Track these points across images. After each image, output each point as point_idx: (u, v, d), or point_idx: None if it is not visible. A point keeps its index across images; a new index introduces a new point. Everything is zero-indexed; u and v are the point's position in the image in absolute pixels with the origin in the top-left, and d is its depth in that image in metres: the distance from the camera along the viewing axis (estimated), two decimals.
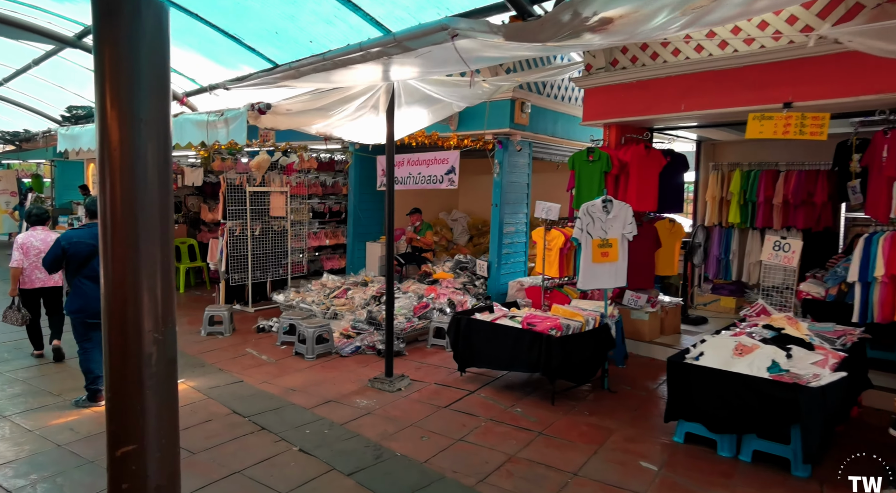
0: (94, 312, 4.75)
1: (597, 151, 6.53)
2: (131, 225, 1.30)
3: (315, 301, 7.54)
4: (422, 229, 9.62)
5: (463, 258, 9.03)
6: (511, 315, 5.49)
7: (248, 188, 8.46)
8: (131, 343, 1.88)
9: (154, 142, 1.24)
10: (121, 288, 1.61)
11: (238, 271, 8.45)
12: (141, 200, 1.28)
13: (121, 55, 1.32)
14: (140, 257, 1.42)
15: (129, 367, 1.96)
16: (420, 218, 9.64)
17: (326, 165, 9.97)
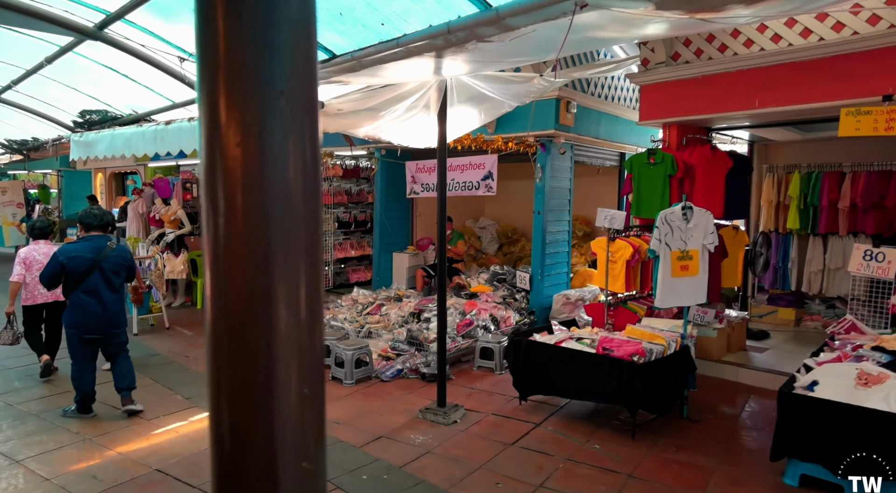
0: (91, 328, 4.73)
1: (659, 152, 5.99)
2: (259, 249, 0.75)
3: (347, 319, 7.00)
4: (452, 239, 9.08)
5: (500, 269, 8.48)
6: (577, 337, 4.94)
7: None
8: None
9: (299, 123, 0.72)
10: (243, 355, 0.93)
11: None
12: (278, 210, 0.73)
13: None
14: (273, 303, 0.80)
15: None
16: (451, 227, 9.10)
17: (351, 172, 9.46)
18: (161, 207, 9.72)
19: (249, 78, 0.77)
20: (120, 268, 4.88)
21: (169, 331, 7.95)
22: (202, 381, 5.78)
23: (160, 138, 5.04)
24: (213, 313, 0.84)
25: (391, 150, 9.17)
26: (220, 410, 0.87)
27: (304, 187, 0.81)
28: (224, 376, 0.85)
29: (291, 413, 0.87)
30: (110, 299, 4.82)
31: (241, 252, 0.78)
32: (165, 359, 6.61)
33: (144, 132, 5.26)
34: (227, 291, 0.81)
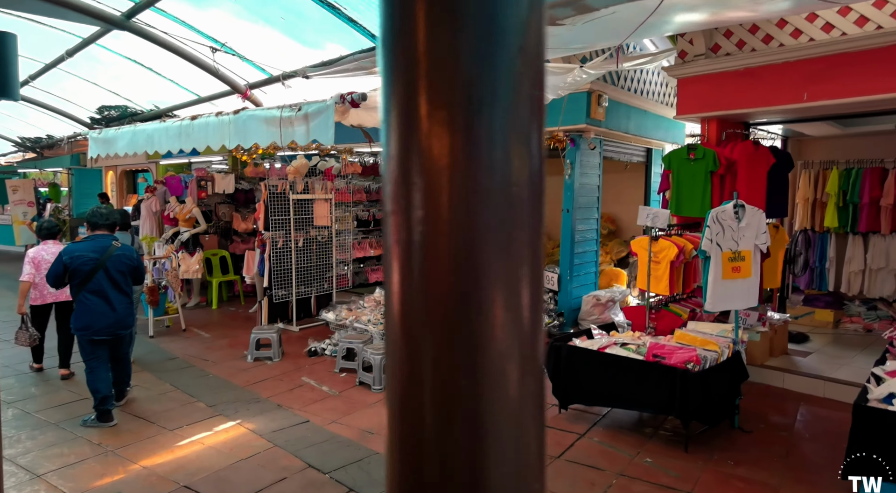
0: (100, 328, 4.67)
1: (700, 147, 5.73)
2: (470, 250, 0.55)
3: (371, 321, 6.77)
4: None
5: None
6: (621, 342, 4.70)
7: (292, 196, 7.71)
8: None
9: (526, 90, 0.52)
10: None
11: (281, 287, 7.70)
12: (495, 206, 0.53)
13: None
14: (490, 309, 0.58)
15: None
16: None
17: (370, 169, 9.22)
18: (175, 205, 9.51)
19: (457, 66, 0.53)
20: (125, 267, 4.80)
21: (185, 333, 7.74)
22: (224, 387, 5.57)
23: (185, 134, 4.81)
24: (404, 326, 0.60)
25: None
26: (414, 440, 0.62)
27: (529, 160, 0.56)
28: (421, 402, 0.59)
29: (513, 435, 0.61)
30: (118, 299, 4.75)
31: (447, 255, 0.55)
32: (184, 363, 6.40)
33: (168, 128, 5.03)
34: (428, 297, 0.57)
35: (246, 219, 10.20)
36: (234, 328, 8.02)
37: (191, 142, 4.82)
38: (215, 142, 4.56)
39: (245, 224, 10.10)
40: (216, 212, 10.27)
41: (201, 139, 4.68)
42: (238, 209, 10.39)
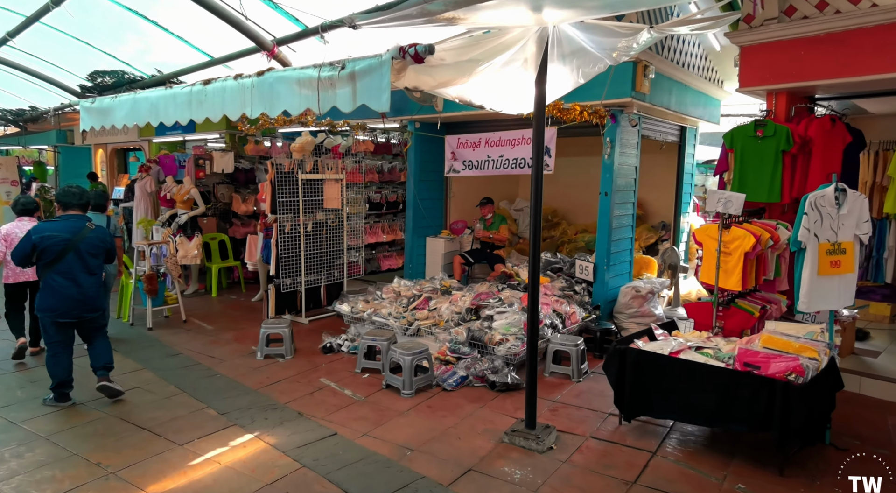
0: (65, 311, 4.53)
1: (770, 124, 5.11)
2: None
3: (392, 314, 6.15)
4: (494, 223, 8.21)
5: (552, 257, 7.63)
6: (695, 346, 4.11)
7: (301, 176, 7.03)
8: None
9: None
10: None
11: (289, 276, 7.05)
12: None
13: None
14: None
15: None
16: (492, 209, 8.23)
17: (383, 147, 8.52)
18: (172, 185, 8.79)
19: None
20: (98, 250, 4.67)
21: (186, 325, 7.10)
22: (235, 390, 4.95)
23: (197, 102, 4.09)
24: None
25: (427, 122, 8.24)
26: None
27: None
28: None
29: None
30: (87, 281, 4.60)
31: None
32: (188, 360, 5.77)
33: (176, 95, 4.31)
34: None
35: (246, 200, 9.50)
36: (237, 319, 7.38)
37: (203, 111, 4.11)
38: (234, 109, 3.85)
39: (245, 206, 9.40)
40: (215, 193, 9.55)
41: (216, 107, 3.97)
42: (238, 190, 9.68)
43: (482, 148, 7.50)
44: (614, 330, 6.10)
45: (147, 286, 6.70)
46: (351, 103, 3.15)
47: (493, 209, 8.23)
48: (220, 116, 4.09)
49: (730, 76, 8.52)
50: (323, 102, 3.16)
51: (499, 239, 8.15)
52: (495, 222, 8.20)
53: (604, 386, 5.06)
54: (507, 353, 5.21)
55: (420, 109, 7.82)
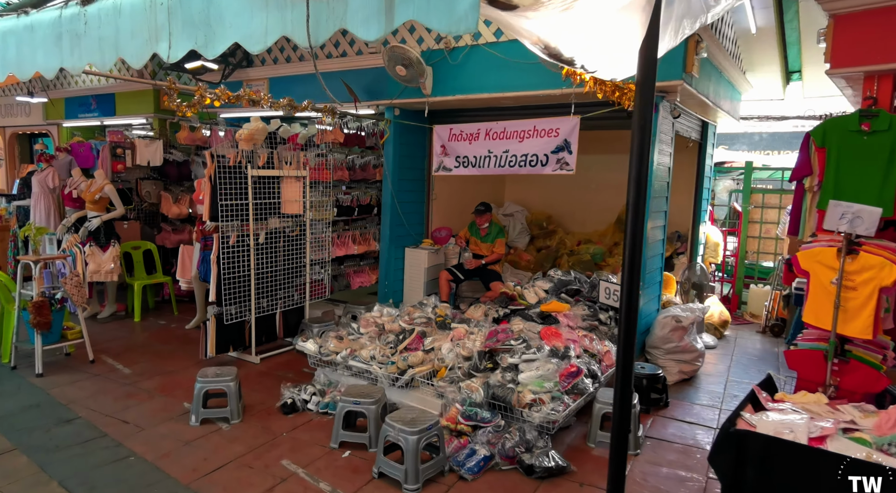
0: None
1: (884, 115, 3.90)
2: None
3: (376, 357, 4.63)
4: (490, 233, 6.81)
5: (564, 275, 6.29)
6: (842, 427, 2.83)
7: (251, 171, 5.39)
8: None
9: None
10: None
11: (235, 301, 5.41)
12: None
13: None
14: None
15: None
16: (488, 218, 6.82)
17: (354, 138, 6.95)
18: (80, 179, 6.92)
19: None
20: None
21: (95, 366, 5.34)
22: (157, 487, 3.33)
23: (72, 38, 2.43)
24: None
25: (409, 109, 6.75)
26: None
27: None
28: None
29: None
30: None
31: None
32: (89, 430, 4.07)
33: (34, 27, 2.60)
34: None
35: (179, 201, 7.72)
36: (166, 357, 5.67)
37: (82, 51, 2.46)
38: (137, 47, 2.24)
39: (178, 208, 7.62)
40: (138, 190, 7.72)
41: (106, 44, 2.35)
42: (168, 188, 7.88)
43: (481, 141, 6.07)
44: (662, 375, 4.80)
45: (34, 318, 4.92)
46: (384, 19, 1.60)
47: (490, 218, 6.82)
48: (113, 61, 2.43)
49: (753, 67, 7.45)
50: (321, 21, 1.63)
51: (497, 254, 6.75)
52: (491, 233, 6.79)
53: (673, 457, 3.75)
54: (545, 420, 3.80)
55: (402, 92, 6.32)
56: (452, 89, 6.06)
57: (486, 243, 6.81)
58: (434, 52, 6.13)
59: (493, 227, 6.80)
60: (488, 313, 5.88)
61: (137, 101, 8.96)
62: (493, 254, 6.71)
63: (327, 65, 6.98)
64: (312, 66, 7.08)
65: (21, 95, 9.70)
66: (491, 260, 6.75)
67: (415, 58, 5.76)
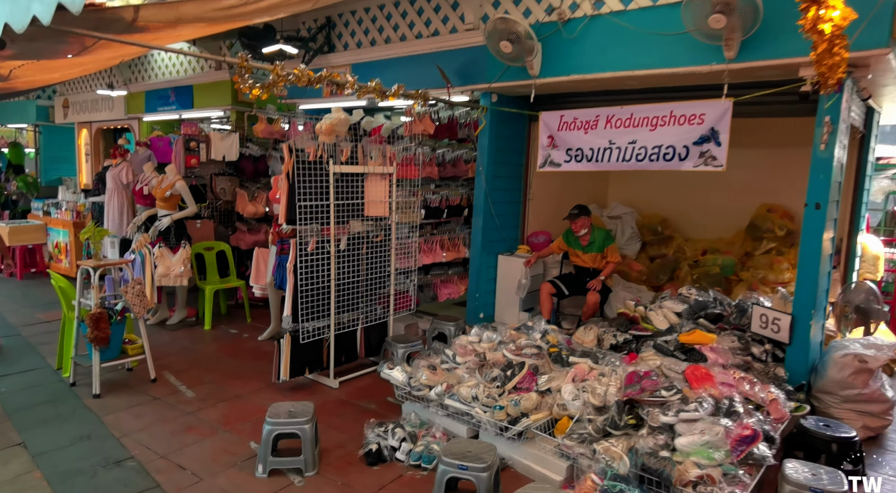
0: None
1: None
2: None
3: (478, 397, 3.73)
4: (594, 241, 5.73)
5: (700, 295, 5.14)
6: None
7: (333, 168, 4.62)
8: None
9: None
10: None
11: (313, 316, 4.66)
12: None
13: None
14: None
15: None
16: (588, 222, 5.75)
17: (445, 129, 6.07)
18: (151, 175, 6.43)
19: None
20: None
21: (155, 386, 4.76)
22: None
23: None
24: None
25: (510, 94, 5.82)
26: None
27: None
28: None
29: None
30: None
31: None
32: (138, 476, 3.40)
33: None
34: None
35: (255, 199, 7.13)
36: (234, 374, 5.02)
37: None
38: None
39: (254, 206, 7.03)
40: (212, 187, 7.20)
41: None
42: (244, 184, 7.32)
43: (600, 130, 5.04)
44: (857, 439, 3.62)
45: (91, 332, 4.35)
46: None
47: (588, 223, 5.74)
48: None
49: None
50: None
51: (613, 266, 5.69)
52: (595, 241, 5.72)
53: None
54: None
55: (503, 75, 5.39)
56: (566, 68, 5.07)
57: (590, 254, 5.75)
58: (544, 26, 5.15)
59: (595, 233, 5.73)
60: (603, 337, 4.88)
61: (215, 92, 8.50)
62: (608, 265, 5.65)
63: (416, 46, 6.15)
64: (399, 50, 6.28)
65: (102, 87, 9.50)
66: (608, 273, 5.70)
67: (523, 31, 4.82)
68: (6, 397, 4.48)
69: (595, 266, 5.75)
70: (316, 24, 7.02)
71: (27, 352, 5.56)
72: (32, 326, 6.42)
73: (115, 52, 4.86)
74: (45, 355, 5.44)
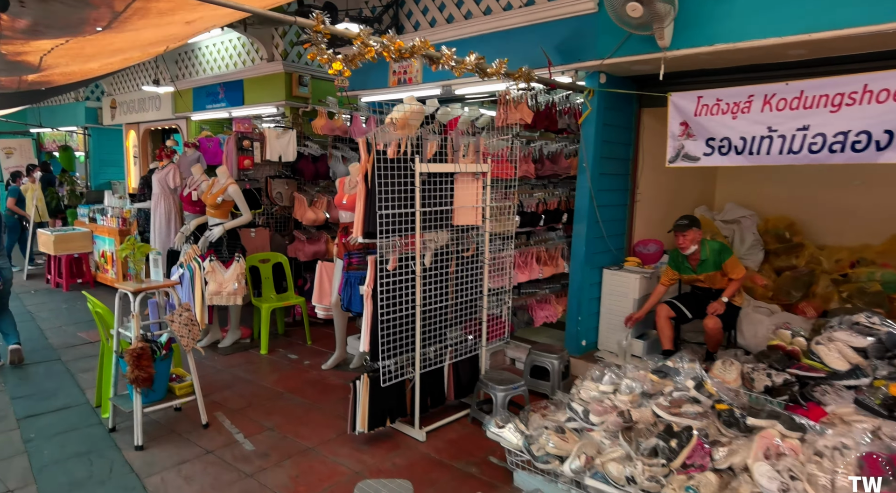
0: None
1: None
2: None
3: (635, 479, 2.72)
4: (705, 260, 4.64)
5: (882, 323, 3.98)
6: None
7: (420, 167, 3.68)
8: None
9: None
10: None
11: (396, 351, 3.74)
12: None
13: None
14: None
15: None
16: (699, 236, 4.65)
17: (543, 116, 5.05)
18: (201, 178, 5.67)
19: None
20: None
21: (208, 432, 3.94)
22: None
23: None
24: None
25: (623, 73, 4.79)
26: None
27: None
28: None
29: None
30: None
31: None
32: None
33: None
34: None
35: (314, 204, 6.30)
36: (299, 418, 4.16)
37: None
38: None
39: (314, 212, 6.20)
40: (268, 191, 6.40)
41: None
42: (302, 188, 6.49)
43: (755, 114, 3.95)
44: None
45: (132, 371, 3.55)
46: None
47: (699, 237, 4.64)
48: None
49: None
50: None
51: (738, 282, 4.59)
52: (708, 257, 4.63)
53: None
54: None
55: (623, 47, 4.36)
56: (706, 36, 4.01)
57: (705, 274, 4.67)
58: None
59: (706, 247, 4.63)
60: (752, 376, 3.80)
61: (267, 87, 7.75)
62: (732, 283, 4.57)
63: (503, 20, 5.19)
64: (482, 26, 5.32)
65: (147, 84, 8.89)
66: (732, 292, 4.61)
67: None
68: (36, 446, 3.75)
69: (717, 286, 4.67)
70: (381, 2, 6.13)
71: (65, 382, 4.87)
72: (73, 348, 5.75)
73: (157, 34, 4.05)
74: (85, 387, 4.73)
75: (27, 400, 4.47)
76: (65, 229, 8.36)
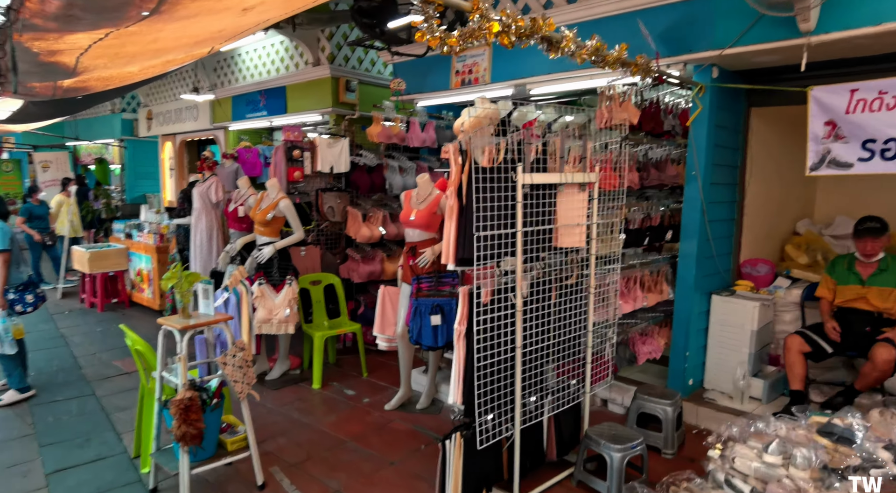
0: None
1: None
2: None
3: None
4: (885, 267, 3.89)
5: None
6: None
7: (523, 178, 2.99)
8: None
9: None
10: None
11: (491, 403, 3.05)
12: None
13: None
14: None
15: None
16: (884, 242, 3.91)
17: (650, 115, 4.31)
18: (248, 192, 5.10)
19: None
20: None
21: (265, 492, 3.30)
22: None
23: None
24: None
25: (734, 68, 4.07)
26: None
27: None
28: None
29: None
30: None
31: None
32: None
33: None
34: None
35: (369, 219, 5.68)
36: (367, 476, 3.50)
37: None
38: None
39: (368, 229, 5.57)
40: (319, 205, 5.80)
41: None
42: (356, 201, 5.88)
43: (882, 112, 3.19)
44: None
45: (178, 426, 2.92)
46: None
47: (884, 242, 3.91)
48: None
49: None
50: None
51: None
52: (890, 268, 3.87)
53: None
54: None
55: (750, 33, 3.64)
56: (863, 16, 3.27)
57: (874, 287, 3.90)
58: None
59: (888, 257, 3.88)
60: None
61: (312, 93, 7.21)
62: None
63: (593, 7, 4.52)
64: (568, 15, 4.65)
65: (186, 91, 8.43)
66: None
67: None
68: None
69: (884, 306, 3.88)
70: None
71: (100, 423, 4.30)
72: (108, 381, 5.20)
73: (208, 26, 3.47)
74: (122, 431, 4.15)
75: (58, 448, 3.90)
76: (100, 246, 7.90)
